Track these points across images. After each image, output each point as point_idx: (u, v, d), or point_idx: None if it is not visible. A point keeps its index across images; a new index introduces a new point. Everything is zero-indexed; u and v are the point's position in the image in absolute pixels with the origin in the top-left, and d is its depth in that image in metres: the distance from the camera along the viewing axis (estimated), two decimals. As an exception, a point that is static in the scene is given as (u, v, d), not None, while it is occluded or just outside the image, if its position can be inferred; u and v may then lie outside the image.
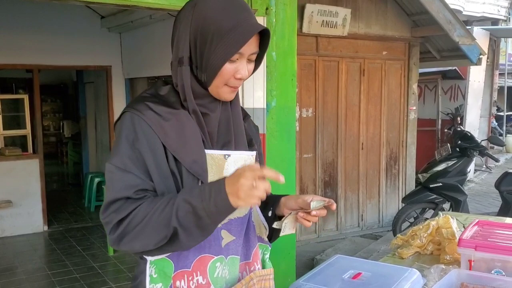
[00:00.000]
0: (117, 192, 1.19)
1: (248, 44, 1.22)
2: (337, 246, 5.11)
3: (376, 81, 5.96)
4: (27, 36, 6.06)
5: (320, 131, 5.57)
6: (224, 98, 1.30)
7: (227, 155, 1.31)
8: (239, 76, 1.25)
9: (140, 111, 1.23)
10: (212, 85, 1.26)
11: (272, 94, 3.71)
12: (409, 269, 1.71)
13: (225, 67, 1.23)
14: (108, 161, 1.24)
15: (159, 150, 1.23)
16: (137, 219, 1.16)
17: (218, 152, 1.30)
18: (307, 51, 5.32)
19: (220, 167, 1.30)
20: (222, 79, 1.25)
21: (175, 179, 1.24)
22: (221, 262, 1.31)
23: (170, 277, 1.27)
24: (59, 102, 12.77)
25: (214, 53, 1.21)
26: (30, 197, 6.25)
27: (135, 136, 1.21)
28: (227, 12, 1.22)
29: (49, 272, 4.96)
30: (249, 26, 1.22)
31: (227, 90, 1.28)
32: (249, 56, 1.26)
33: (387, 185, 6.20)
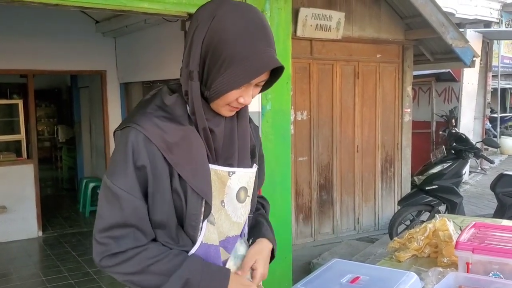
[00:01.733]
0: (121, 217, 1.18)
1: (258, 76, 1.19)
2: (334, 249, 5.11)
3: (371, 84, 5.98)
4: (22, 41, 6.04)
5: (315, 134, 5.58)
6: (224, 115, 1.27)
7: (232, 172, 1.29)
8: (242, 101, 1.22)
9: (144, 128, 1.19)
10: (213, 103, 1.24)
11: (267, 98, 3.72)
12: (407, 273, 1.70)
13: (232, 92, 1.19)
14: (108, 175, 1.20)
15: (164, 172, 1.20)
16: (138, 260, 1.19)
17: (222, 168, 1.28)
18: (301, 55, 5.32)
19: (223, 183, 1.29)
20: (224, 102, 1.22)
21: (179, 198, 1.22)
22: None
23: None
24: (54, 107, 12.72)
25: (222, 77, 1.17)
26: (25, 203, 6.22)
27: (140, 159, 1.18)
28: (245, 38, 1.16)
29: (43, 278, 4.93)
30: (264, 61, 1.17)
31: (227, 109, 1.25)
32: (257, 83, 1.23)
33: (382, 187, 6.21)
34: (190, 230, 1.25)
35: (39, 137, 12.21)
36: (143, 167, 1.18)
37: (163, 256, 1.19)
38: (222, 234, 1.31)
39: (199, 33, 1.19)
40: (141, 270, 1.18)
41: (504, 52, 14.58)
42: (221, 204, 1.30)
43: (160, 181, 1.20)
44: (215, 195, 1.27)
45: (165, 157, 1.19)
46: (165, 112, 1.23)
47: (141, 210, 1.19)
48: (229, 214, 1.31)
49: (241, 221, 1.35)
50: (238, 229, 1.35)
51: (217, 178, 1.27)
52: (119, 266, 1.18)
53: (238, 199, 1.32)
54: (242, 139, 1.33)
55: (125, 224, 1.18)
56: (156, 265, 1.18)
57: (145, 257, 1.18)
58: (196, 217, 1.24)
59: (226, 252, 1.34)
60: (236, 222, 1.34)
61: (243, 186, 1.33)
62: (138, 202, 1.18)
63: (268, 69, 1.19)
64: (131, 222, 1.18)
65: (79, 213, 7.41)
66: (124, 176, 1.18)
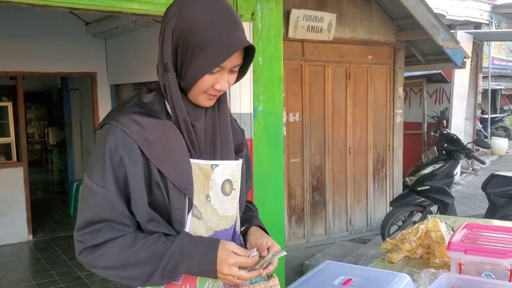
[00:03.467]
0: (99, 213, 1.18)
1: (230, 58, 1.19)
2: (326, 250, 5.10)
3: (362, 85, 5.98)
4: (11, 43, 5.99)
5: (307, 135, 5.57)
6: (203, 105, 1.27)
7: (215, 165, 1.29)
8: (218, 87, 1.23)
9: (123, 124, 1.20)
10: (190, 93, 1.24)
11: (259, 99, 3.70)
12: (399, 274, 1.69)
13: (204, 78, 1.20)
14: (86, 173, 1.21)
15: (140, 167, 1.20)
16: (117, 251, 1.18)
17: (205, 162, 1.27)
18: (293, 56, 5.32)
19: (206, 177, 1.28)
20: (200, 89, 1.23)
21: (161, 193, 1.22)
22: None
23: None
24: (44, 109, 12.63)
25: (194, 64, 1.19)
26: (15, 206, 6.15)
27: (118, 153, 1.18)
28: (213, 23, 1.18)
29: (34, 283, 4.88)
30: (233, 42, 1.18)
31: (205, 97, 1.25)
32: (231, 68, 1.24)
33: (374, 188, 6.21)
34: (176, 225, 1.24)
35: (30, 139, 12.13)
36: (121, 161, 1.18)
37: (143, 243, 1.18)
38: (210, 229, 1.30)
39: (169, 26, 1.22)
40: (123, 263, 1.18)
41: (494, 53, 14.73)
42: (207, 199, 1.28)
43: (137, 175, 1.20)
44: (200, 190, 1.27)
45: (143, 152, 1.19)
46: (143, 109, 1.24)
47: (118, 205, 1.19)
48: (215, 208, 1.30)
49: (228, 215, 1.33)
50: (227, 223, 1.33)
51: (200, 172, 1.26)
52: (99, 260, 1.19)
53: (223, 192, 1.31)
54: (224, 131, 1.33)
55: (101, 219, 1.18)
56: (139, 253, 1.18)
57: (124, 245, 1.18)
58: (180, 211, 1.23)
59: None
60: (223, 216, 1.32)
61: (228, 178, 1.32)
62: (114, 198, 1.18)
63: (238, 49, 1.19)
64: (107, 217, 1.18)
65: (70, 216, 7.34)
66: (101, 172, 1.18)
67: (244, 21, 3.53)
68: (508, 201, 4.76)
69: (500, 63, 15.61)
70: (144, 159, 1.20)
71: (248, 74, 3.77)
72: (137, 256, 1.18)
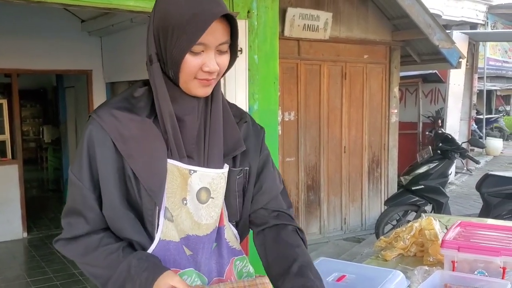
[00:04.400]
0: (74, 203, 1.22)
1: (211, 34, 1.13)
2: (321, 249, 5.11)
3: (358, 84, 6.00)
4: (6, 40, 5.96)
5: (302, 134, 5.58)
6: (196, 94, 1.20)
7: (193, 170, 1.23)
8: (206, 69, 1.16)
9: (100, 117, 1.19)
10: (181, 81, 1.19)
11: (255, 97, 3.71)
12: (393, 271, 1.70)
13: (189, 60, 1.15)
14: (70, 163, 1.25)
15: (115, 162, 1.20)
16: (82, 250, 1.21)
17: (183, 165, 1.22)
18: (289, 55, 5.32)
19: (184, 180, 1.23)
20: (188, 73, 1.17)
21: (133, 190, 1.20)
22: (190, 275, 1.25)
23: None
24: (39, 107, 12.58)
25: (176, 46, 1.14)
26: (9, 204, 6.13)
27: (93, 147, 1.19)
28: (188, 2, 1.14)
29: (28, 280, 4.87)
30: (208, 14, 1.13)
31: (197, 84, 1.19)
32: (218, 47, 1.17)
33: (369, 188, 6.23)
34: (148, 226, 1.22)
35: (24, 137, 12.08)
36: (94, 156, 1.19)
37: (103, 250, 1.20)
38: (182, 231, 1.26)
39: (150, 20, 1.20)
40: (87, 261, 1.23)
41: (489, 54, 14.79)
42: (183, 202, 1.24)
43: (107, 173, 1.19)
44: (176, 192, 1.23)
45: (118, 148, 1.19)
46: (128, 104, 1.21)
47: (90, 200, 1.20)
48: (191, 213, 1.25)
49: (202, 222, 1.26)
50: (200, 230, 1.27)
51: (179, 174, 1.22)
52: (69, 252, 1.25)
53: (198, 200, 1.25)
54: (213, 133, 1.26)
55: (76, 211, 1.21)
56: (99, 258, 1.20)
57: (89, 246, 1.21)
58: (151, 212, 1.21)
59: (188, 249, 1.27)
60: (197, 222, 1.26)
61: (205, 186, 1.25)
62: (86, 191, 1.20)
63: (213, 20, 1.12)
64: (80, 209, 1.21)
65: (65, 214, 7.32)
66: (78, 164, 1.20)
67: (240, 19, 3.54)
68: (502, 200, 4.79)
69: (495, 63, 15.68)
70: (118, 155, 1.19)
71: (243, 72, 3.75)
72: (97, 261, 1.21)
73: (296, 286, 1.20)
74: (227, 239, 1.35)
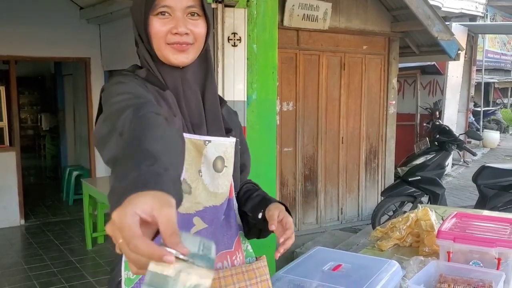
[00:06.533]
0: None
1: None
2: (317, 239, 5.14)
3: (357, 75, 5.99)
4: (4, 27, 5.93)
5: (300, 125, 5.58)
6: (171, 61, 1.23)
7: (208, 141, 1.26)
8: (174, 30, 1.20)
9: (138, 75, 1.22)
10: (157, 51, 1.23)
11: (253, 87, 3.70)
12: (388, 261, 1.72)
13: (155, 23, 1.20)
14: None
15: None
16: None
17: (197, 137, 1.25)
18: (288, 45, 5.31)
19: (199, 152, 1.26)
20: (157, 38, 1.21)
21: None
22: None
23: None
24: (37, 94, 12.54)
25: (140, 14, 1.20)
26: (6, 191, 6.14)
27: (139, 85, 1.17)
28: None
29: (25, 267, 4.88)
30: None
31: (170, 50, 1.22)
32: (187, 11, 1.21)
33: (366, 179, 6.25)
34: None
35: (22, 125, 12.05)
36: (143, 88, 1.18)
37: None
38: (199, 204, 1.27)
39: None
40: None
41: (488, 46, 14.77)
42: (199, 174, 1.26)
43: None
44: (192, 164, 1.24)
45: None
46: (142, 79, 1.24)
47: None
48: (206, 184, 1.28)
49: (218, 192, 1.30)
50: (216, 199, 1.30)
51: (192, 147, 1.24)
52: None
53: (215, 169, 1.29)
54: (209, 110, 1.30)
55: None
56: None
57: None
58: None
59: (203, 222, 1.29)
60: (213, 193, 1.29)
61: (220, 155, 1.30)
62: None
63: None
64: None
65: (62, 202, 7.34)
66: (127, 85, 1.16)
67: (239, 7, 3.53)
68: (498, 192, 4.81)
69: (494, 56, 15.67)
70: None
71: (242, 61, 3.74)
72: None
73: (256, 201, 1.41)
74: (235, 211, 1.40)
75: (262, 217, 1.39)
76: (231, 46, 3.52)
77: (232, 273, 1.32)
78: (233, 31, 3.53)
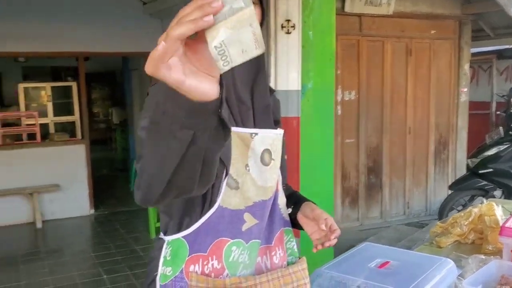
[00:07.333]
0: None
1: None
2: (380, 234, 4.93)
3: (424, 62, 5.67)
4: (71, 24, 6.16)
5: (363, 115, 5.37)
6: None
7: (254, 133, 1.21)
8: None
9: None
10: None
11: (309, 76, 3.58)
12: (442, 259, 1.56)
13: None
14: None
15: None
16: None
17: (244, 130, 1.20)
18: (349, 31, 5.12)
19: (246, 146, 1.21)
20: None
21: None
22: (238, 246, 1.23)
23: (184, 260, 1.20)
24: (108, 89, 13.07)
25: None
26: (77, 181, 6.42)
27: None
28: None
29: (92, 254, 5.08)
30: None
31: None
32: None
33: (435, 171, 5.92)
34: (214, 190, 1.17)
35: (95, 118, 12.66)
36: None
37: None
38: (248, 199, 1.23)
39: None
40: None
41: None
42: (246, 168, 1.21)
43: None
44: (238, 158, 1.20)
45: None
46: None
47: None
48: (254, 179, 1.23)
49: (267, 185, 1.25)
50: (265, 193, 1.25)
51: (239, 140, 1.19)
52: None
53: (262, 162, 1.23)
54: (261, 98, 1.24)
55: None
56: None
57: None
58: (220, 178, 1.17)
59: (254, 218, 1.25)
60: (262, 187, 1.24)
61: (267, 148, 1.24)
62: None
63: None
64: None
65: (130, 193, 7.58)
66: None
67: (293, -7, 3.42)
68: None
69: None
70: None
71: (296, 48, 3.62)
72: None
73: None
74: (279, 205, 1.34)
75: (291, 212, 1.37)
76: (285, 33, 3.41)
77: (269, 278, 1.28)
78: (286, 18, 3.42)
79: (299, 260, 1.38)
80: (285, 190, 1.42)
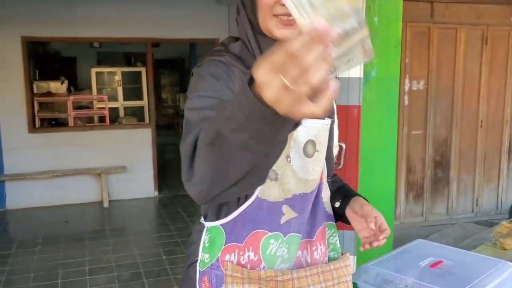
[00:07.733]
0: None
1: None
2: (444, 231, 4.70)
3: (501, 50, 5.30)
4: (140, 11, 6.32)
5: (432, 105, 5.12)
6: (276, 34, 1.09)
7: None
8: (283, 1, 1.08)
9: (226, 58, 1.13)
10: (260, 22, 1.10)
11: (372, 63, 3.43)
12: (502, 262, 1.44)
13: None
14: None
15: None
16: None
17: None
18: (419, 18, 4.88)
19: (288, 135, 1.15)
20: (264, 6, 1.08)
21: None
22: (276, 239, 1.18)
23: (220, 249, 1.18)
24: (177, 75, 13.36)
25: None
26: (143, 164, 6.64)
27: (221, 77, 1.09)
28: None
29: (154, 235, 5.24)
30: None
31: (276, 22, 1.08)
32: None
33: (509, 167, 5.56)
34: None
35: (164, 104, 13.01)
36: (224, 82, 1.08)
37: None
38: (287, 191, 1.18)
39: None
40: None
41: None
42: (287, 159, 1.16)
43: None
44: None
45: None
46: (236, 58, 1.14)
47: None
48: (295, 170, 1.17)
49: (309, 178, 1.19)
50: (306, 186, 1.20)
51: None
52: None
53: (305, 154, 1.18)
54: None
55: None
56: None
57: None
58: None
59: (293, 211, 1.20)
60: (303, 179, 1.19)
61: (311, 139, 1.18)
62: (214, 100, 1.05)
63: None
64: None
65: (193, 177, 7.73)
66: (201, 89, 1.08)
67: (357, -23, 3.28)
68: None
69: None
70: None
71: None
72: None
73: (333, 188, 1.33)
74: (323, 199, 1.28)
75: (339, 206, 1.30)
76: (348, 18, 3.29)
77: (307, 274, 1.22)
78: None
79: (342, 256, 1.32)
80: (333, 182, 1.36)
